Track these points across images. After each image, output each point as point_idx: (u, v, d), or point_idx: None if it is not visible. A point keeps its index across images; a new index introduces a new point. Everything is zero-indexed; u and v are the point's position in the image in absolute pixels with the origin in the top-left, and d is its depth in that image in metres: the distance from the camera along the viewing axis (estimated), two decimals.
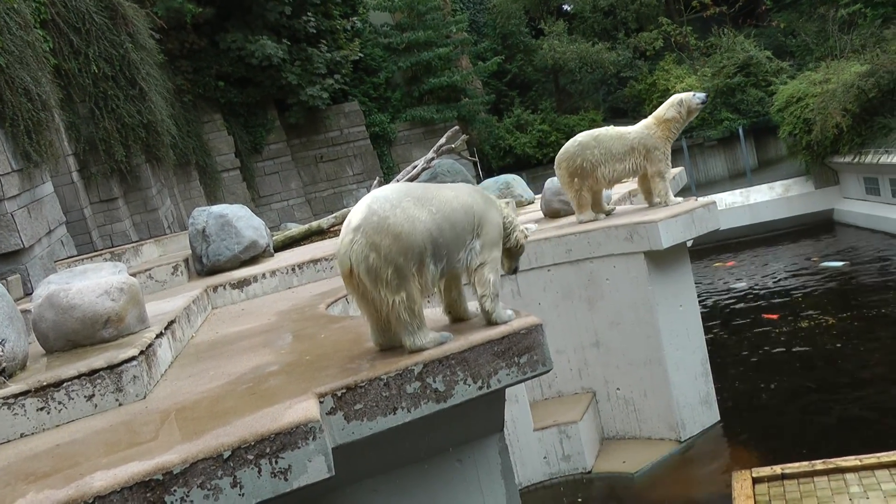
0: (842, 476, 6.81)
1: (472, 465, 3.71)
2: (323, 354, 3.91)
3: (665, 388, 8.46)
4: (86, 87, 13.65)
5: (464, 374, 3.29)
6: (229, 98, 23.49)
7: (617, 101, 31.20)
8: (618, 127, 8.70)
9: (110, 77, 14.00)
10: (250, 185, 24.02)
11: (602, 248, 8.38)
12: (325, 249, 9.00)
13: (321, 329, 4.78)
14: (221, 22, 22.80)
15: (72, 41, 13.38)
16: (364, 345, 3.87)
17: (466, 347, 3.33)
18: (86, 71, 13.60)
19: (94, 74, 13.65)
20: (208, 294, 7.24)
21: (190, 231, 8.95)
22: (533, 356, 3.43)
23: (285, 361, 3.94)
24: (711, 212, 8.28)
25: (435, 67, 27.50)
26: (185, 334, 5.27)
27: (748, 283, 16.19)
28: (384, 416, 3.16)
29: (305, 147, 25.69)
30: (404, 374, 3.21)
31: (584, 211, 8.76)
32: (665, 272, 8.38)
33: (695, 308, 8.77)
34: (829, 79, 20.81)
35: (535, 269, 8.69)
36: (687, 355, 8.56)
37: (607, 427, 8.97)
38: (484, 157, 28.44)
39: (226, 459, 2.69)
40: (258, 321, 5.74)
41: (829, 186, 21.58)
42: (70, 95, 13.45)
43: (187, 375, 4.12)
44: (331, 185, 25.76)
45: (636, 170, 8.45)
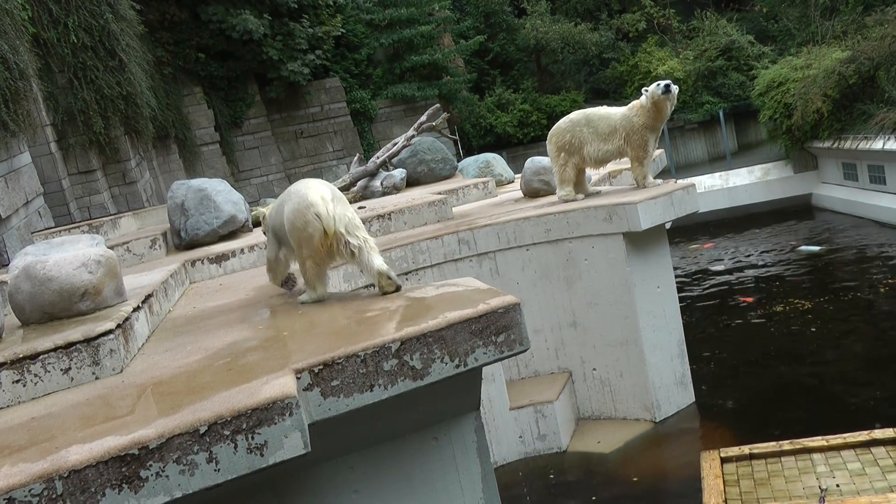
0: (809, 456, 6.91)
1: (448, 443, 3.73)
2: (301, 330, 3.90)
3: (641, 368, 8.53)
4: (64, 57, 13.46)
5: (441, 353, 3.30)
6: (210, 71, 23.26)
7: (599, 82, 31.20)
8: (609, 108, 8.73)
9: (90, 47, 13.81)
10: (230, 159, 23.86)
11: (581, 228, 8.41)
12: None
13: (299, 305, 4.77)
14: None
15: (51, 10, 13.17)
16: (342, 321, 3.87)
17: (444, 325, 3.33)
18: (65, 41, 13.41)
19: (73, 44, 13.46)
20: (186, 268, 7.20)
21: (168, 204, 8.88)
22: (510, 335, 3.44)
23: (263, 337, 3.94)
24: (690, 194, 8.32)
25: (417, 45, 27.35)
26: (162, 308, 5.24)
27: (725, 266, 16.32)
28: (361, 392, 3.17)
29: (285, 122, 25.53)
30: (381, 351, 3.21)
31: (565, 186, 8.81)
32: (643, 253, 8.43)
33: (672, 289, 8.83)
34: (811, 64, 20.92)
35: (514, 249, 8.71)
36: (663, 336, 8.63)
37: (583, 407, 9.04)
38: (465, 135, 28.39)
39: (202, 434, 2.69)
40: (236, 296, 5.71)
41: (807, 171, 21.76)
42: (48, 65, 13.26)
43: (164, 350, 4.10)
44: (311, 161, 25.63)
45: (619, 151, 8.48)
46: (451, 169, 12.68)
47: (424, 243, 8.12)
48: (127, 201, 14.68)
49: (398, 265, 7.82)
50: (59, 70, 13.53)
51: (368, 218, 8.76)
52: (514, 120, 28.70)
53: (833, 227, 18.54)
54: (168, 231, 8.96)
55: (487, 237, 8.57)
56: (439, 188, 10.99)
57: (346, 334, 3.52)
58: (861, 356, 10.16)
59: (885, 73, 18.41)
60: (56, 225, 10.89)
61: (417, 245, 8.06)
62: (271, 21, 23.24)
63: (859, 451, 6.84)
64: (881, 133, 17.42)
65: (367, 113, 26.77)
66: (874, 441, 6.91)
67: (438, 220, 9.16)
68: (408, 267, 7.97)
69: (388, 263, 4.71)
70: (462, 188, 10.90)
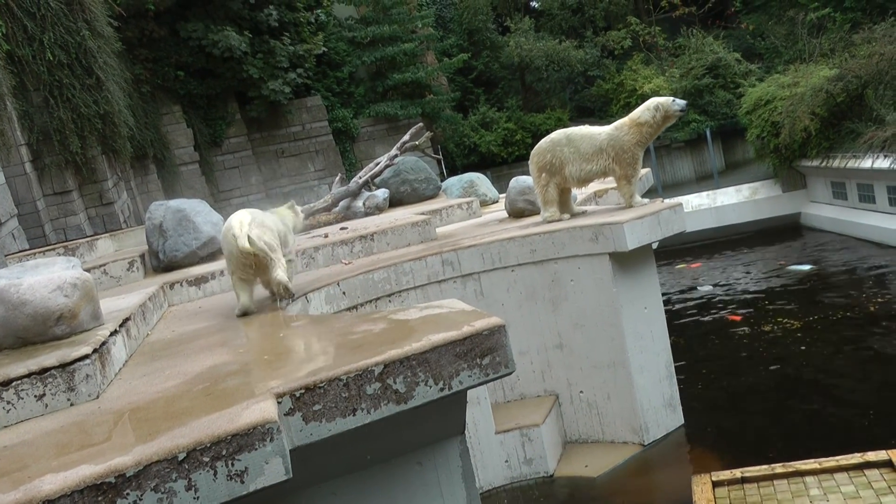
0: (801, 479, 6.93)
1: (433, 467, 3.72)
2: (282, 354, 3.90)
3: (629, 391, 8.54)
4: (40, 75, 13.45)
5: (425, 376, 3.30)
6: (189, 89, 23.28)
7: (584, 100, 31.42)
8: (592, 127, 8.78)
9: (66, 65, 13.81)
10: (209, 179, 23.82)
11: (567, 248, 8.44)
12: None
13: (280, 328, 4.76)
14: (182, 11, 22.59)
15: (26, 27, 13.17)
16: (324, 345, 3.87)
17: (428, 348, 3.34)
18: (40, 58, 13.40)
19: (48, 62, 13.46)
20: (165, 291, 7.17)
21: (147, 226, 8.85)
22: (495, 357, 3.45)
23: (243, 361, 3.93)
24: (677, 214, 8.37)
25: (400, 63, 27.49)
26: (140, 332, 5.22)
27: (713, 286, 16.40)
28: (343, 417, 3.16)
29: (266, 142, 25.55)
30: (364, 374, 3.21)
31: (549, 207, 8.85)
32: (630, 274, 8.46)
33: (660, 310, 8.86)
34: (798, 82, 21.13)
35: (499, 270, 8.72)
36: (651, 358, 8.65)
37: (570, 430, 9.04)
38: (448, 154, 28.49)
39: (181, 461, 2.68)
40: (216, 319, 5.69)
41: (796, 190, 21.94)
42: (23, 83, 13.25)
43: (142, 374, 4.09)
44: (292, 181, 25.63)
45: (604, 171, 8.53)
46: (434, 189, 12.71)
47: (408, 265, 8.12)
48: (104, 222, 14.63)
49: (380, 287, 7.82)
50: (35, 88, 13.51)
51: (350, 239, 8.76)
52: (499, 139, 28.83)
53: (822, 246, 18.68)
54: (146, 253, 8.92)
55: (472, 258, 8.59)
56: (423, 208, 11.01)
57: (327, 357, 3.52)
58: (852, 376, 10.21)
59: (873, 92, 18.63)
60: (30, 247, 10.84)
61: (400, 266, 8.06)
62: (252, 39, 23.31)
63: (853, 474, 6.86)
64: (870, 151, 17.59)
65: (349, 132, 26.84)
66: (868, 463, 6.94)
67: (422, 240, 9.17)
68: (391, 289, 7.96)
69: (370, 284, 6.47)
70: (446, 208, 10.92)
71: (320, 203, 11.96)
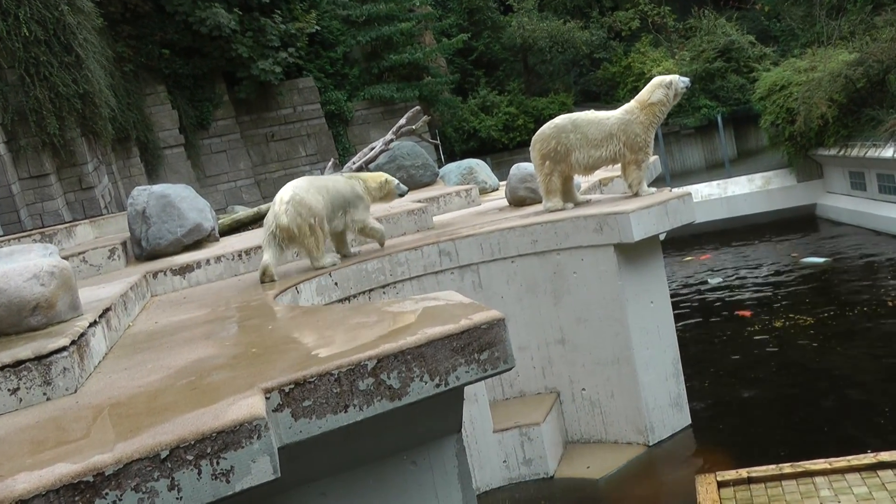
0: (811, 480, 6.94)
1: (428, 467, 3.72)
2: (270, 347, 3.89)
3: (634, 388, 8.55)
4: (15, 52, 13.39)
5: (420, 371, 3.30)
6: (174, 69, 23.20)
7: (589, 83, 31.37)
8: (598, 111, 8.76)
9: (43, 41, 13.75)
10: (195, 163, 23.79)
11: (570, 239, 8.43)
12: None
13: (269, 320, 4.76)
14: None
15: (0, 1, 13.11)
16: (314, 338, 3.86)
17: (424, 342, 3.33)
18: (15, 34, 13.34)
19: (24, 38, 13.40)
20: (147, 280, 7.16)
21: (129, 212, 8.84)
22: (494, 353, 3.44)
23: (230, 354, 3.92)
24: (686, 204, 8.36)
25: (396, 43, 27.41)
26: (121, 323, 5.21)
27: (723, 279, 16.41)
28: (334, 413, 3.15)
29: (255, 124, 25.50)
30: (357, 369, 3.20)
31: (552, 197, 8.83)
32: (636, 266, 8.46)
33: (666, 304, 8.87)
34: (815, 66, 21.05)
35: (499, 261, 8.71)
36: (657, 354, 8.66)
37: (571, 430, 9.05)
38: (446, 140, 28.46)
39: (163, 460, 2.67)
40: (201, 310, 5.69)
41: (812, 180, 21.92)
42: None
43: (123, 368, 4.08)
44: (282, 167, 25.60)
45: (614, 157, 8.52)
46: (431, 175, 12.70)
47: (403, 254, 8.11)
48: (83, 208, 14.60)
49: (374, 278, 7.82)
50: (9, 66, 13.46)
51: None
52: (500, 124, 28.80)
53: (839, 239, 18.68)
54: (128, 240, 8.91)
55: (470, 248, 8.58)
56: (419, 196, 11.00)
57: (318, 351, 3.51)
58: (867, 373, 10.22)
59: (895, 77, 18.55)
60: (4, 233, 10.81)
61: (395, 256, 8.05)
62: (241, 16, 23.24)
63: (865, 475, 6.87)
64: (891, 140, 17.54)
65: (342, 115, 26.78)
66: (881, 464, 6.95)
67: (418, 229, 9.16)
68: (385, 280, 7.96)
69: (364, 275, 7.69)
70: (443, 196, 10.91)
71: None
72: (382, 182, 8.00)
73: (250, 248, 8.01)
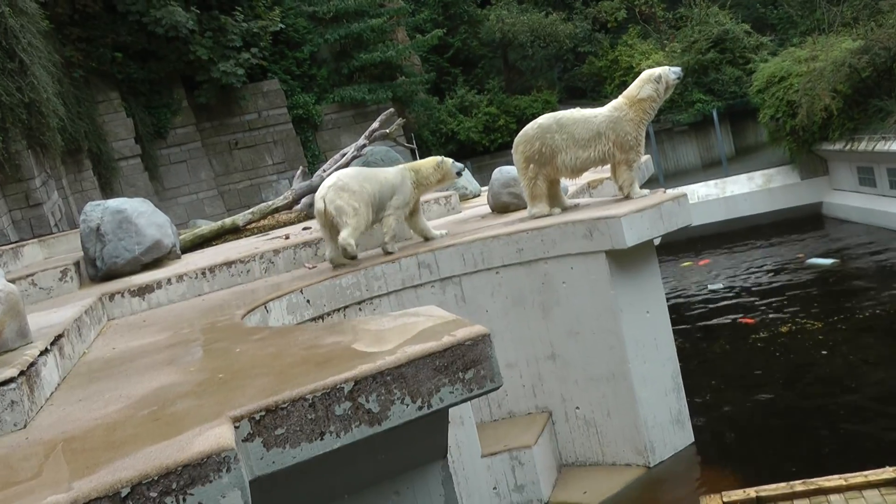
0: (825, 498, 6.95)
1: (412, 497, 3.71)
2: (239, 372, 3.87)
3: (631, 406, 8.56)
4: None
5: (401, 393, 3.29)
6: (128, 73, 23.09)
7: (574, 79, 31.50)
8: (584, 109, 8.79)
9: None
10: (153, 175, 23.67)
11: (558, 246, 8.45)
12: (242, 250, 8.92)
13: (237, 342, 4.74)
14: None
15: None
16: (286, 360, 3.84)
17: (404, 361, 3.33)
18: None
19: None
20: (103, 303, 7.12)
21: (81, 229, 8.79)
22: (480, 371, 3.44)
23: (195, 381, 3.90)
24: (682, 205, 8.40)
25: (367, 41, 27.41)
26: (75, 351, 5.17)
27: (724, 285, 16.48)
28: (309, 441, 3.15)
29: (217, 132, 25.42)
30: (332, 392, 3.19)
31: (537, 202, 8.84)
32: (630, 274, 8.48)
33: (664, 314, 8.89)
34: (817, 56, 21.16)
35: (482, 272, 8.72)
36: (656, 368, 8.68)
37: (565, 452, 9.05)
38: (423, 143, 28.48)
39: (124, 498, 2.65)
40: (162, 334, 5.67)
41: (816, 177, 22.04)
42: None
43: (77, 399, 4.05)
44: (247, 176, 25.53)
45: (603, 158, 8.55)
46: None
47: (379, 268, 8.11)
48: (31, 227, 14.50)
49: (349, 294, 7.81)
50: None
51: (314, 240, 8.74)
52: (479, 125, 28.86)
53: (847, 238, 18.80)
54: (81, 260, 8.86)
55: (451, 259, 8.58)
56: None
57: (291, 374, 3.50)
58: (881, 383, 10.26)
59: None
60: None
61: (371, 270, 8.04)
62: (199, 15, 23.13)
63: (885, 491, 6.88)
64: None
65: (311, 119, 26.75)
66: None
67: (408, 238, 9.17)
68: (361, 296, 7.95)
69: (338, 291, 7.74)
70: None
71: (280, 200, 11.92)
72: (437, 164, 8.48)
73: (215, 265, 7.99)
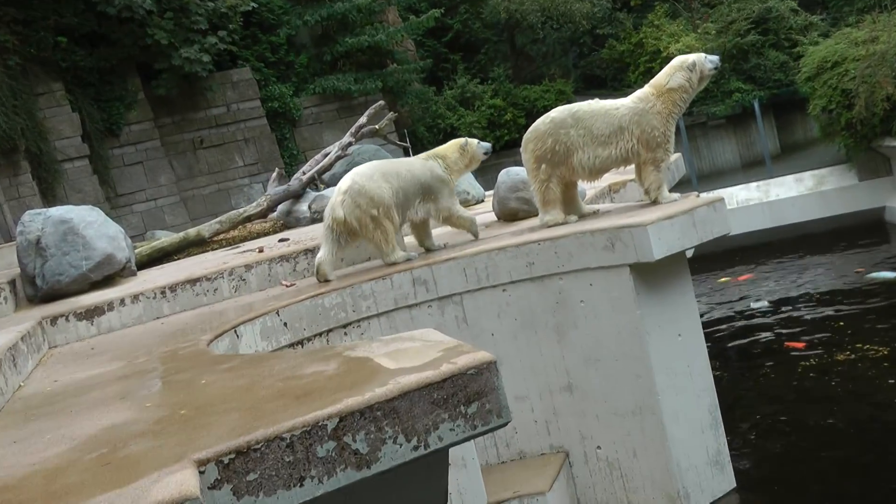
0: None
1: None
2: (204, 407, 3.86)
3: (661, 445, 8.54)
4: None
5: (393, 430, 3.28)
6: (74, 61, 23.12)
7: (592, 66, 31.55)
8: (604, 101, 8.78)
9: None
10: (103, 179, 23.68)
11: (574, 259, 8.43)
12: (208, 266, 8.92)
13: (202, 373, 4.73)
14: None
15: None
16: (260, 393, 3.83)
17: (397, 394, 3.32)
18: None
19: None
20: (44, 328, 7.11)
21: (18, 242, 8.79)
22: (484, 405, 3.44)
23: (152, 418, 3.89)
24: (719, 212, 8.40)
25: (352, 23, 27.47)
26: (8, 384, 5.17)
27: (768, 303, 16.44)
28: (287, 488, 3.13)
29: (180, 128, 25.46)
30: (314, 431, 3.18)
31: (550, 209, 8.82)
32: (658, 291, 8.47)
33: (699, 337, 8.88)
34: (877, 37, 21.06)
35: (487, 289, 8.71)
36: (690, 401, 8.66)
37: (585, 498, 9.03)
38: (418, 141, 28.47)
39: None
40: (115, 363, 5.66)
41: (877, 178, 21.92)
42: None
43: (11, 441, 4.04)
44: (214, 180, 25.57)
45: (626, 156, 8.54)
46: None
47: (367, 285, 8.11)
48: None
49: (333, 315, 7.80)
50: None
51: (293, 254, 8.74)
52: (483, 120, 28.89)
53: None
54: (17, 278, 8.85)
55: (451, 275, 8.58)
56: None
57: (265, 410, 3.49)
58: None
59: None
60: None
61: (358, 288, 8.04)
62: None
63: None
64: None
65: (288, 114, 26.79)
66: None
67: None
68: (347, 318, 7.95)
69: (320, 312, 7.70)
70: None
71: (252, 207, 11.93)
72: (461, 147, 8.70)
73: (176, 283, 7.98)
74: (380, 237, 7.93)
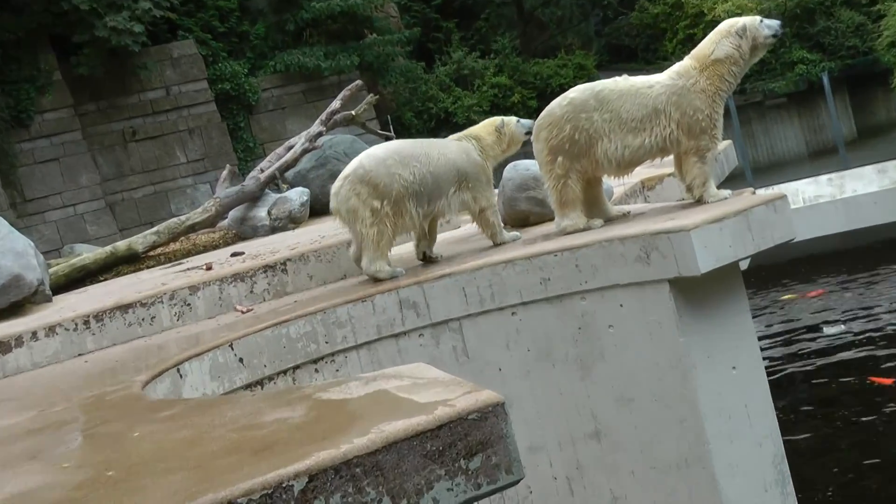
0: None
1: None
2: (137, 466, 3.86)
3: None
4: None
5: (377, 492, 3.28)
6: None
7: (619, 34, 31.66)
8: (635, 77, 8.76)
9: None
10: (7, 180, 23.67)
11: (600, 275, 8.42)
12: (143, 288, 8.91)
13: (135, 423, 4.72)
14: None
15: None
16: (210, 447, 3.82)
17: (380, 445, 3.31)
18: None
19: None
20: None
21: None
22: (490, 457, 3.43)
23: (72, 482, 3.88)
24: (780, 212, 8.39)
25: None
26: None
27: (846, 327, 16.42)
28: None
29: (106, 116, 25.48)
30: (276, 494, 3.17)
31: (569, 211, 8.78)
32: (706, 313, 8.47)
33: (758, 371, 8.86)
34: None
35: (493, 313, 8.69)
36: (748, 451, 8.65)
37: None
38: (404, 129, 28.52)
39: None
40: (24, 414, 5.65)
41: None
42: None
43: None
44: (149, 179, 25.58)
45: (663, 146, 8.51)
46: None
47: (343, 309, 8.10)
48: None
49: (300, 348, 7.80)
50: None
51: (249, 271, 8.73)
52: (485, 102, 28.96)
53: None
54: None
55: (447, 295, 8.57)
56: None
57: (215, 469, 3.48)
58: None
59: None
60: None
61: (332, 313, 8.04)
62: None
63: None
64: None
65: (242, 98, 26.81)
66: None
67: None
68: (319, 350, 7.94)
69: (283, 344, 7.68)
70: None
71: (198, 214, 11.93)
72: (498, 128, 8.94)
73: (103, 310, 7.97)
74: (372, 236, 7.97)
